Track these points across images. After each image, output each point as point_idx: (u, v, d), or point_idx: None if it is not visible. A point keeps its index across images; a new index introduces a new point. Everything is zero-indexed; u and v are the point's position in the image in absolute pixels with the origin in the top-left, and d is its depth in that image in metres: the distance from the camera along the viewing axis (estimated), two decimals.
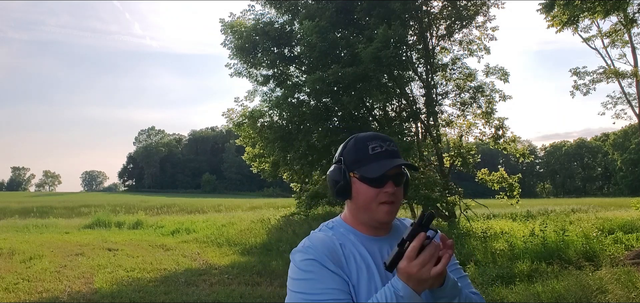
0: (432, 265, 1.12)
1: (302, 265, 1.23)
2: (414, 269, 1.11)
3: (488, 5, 13.80)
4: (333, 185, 1.32)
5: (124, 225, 17.23)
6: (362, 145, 1.30)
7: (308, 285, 1.20)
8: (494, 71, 13.82)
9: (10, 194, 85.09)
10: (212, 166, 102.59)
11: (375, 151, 1.28)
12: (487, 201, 15.34)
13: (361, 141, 1.31)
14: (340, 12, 12.91)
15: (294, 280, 1.24)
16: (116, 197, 61.28)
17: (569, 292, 5.62)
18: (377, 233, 1.32)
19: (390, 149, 1.30)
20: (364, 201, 1.28)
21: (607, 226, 11.88)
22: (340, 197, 1.32)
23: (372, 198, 1.27)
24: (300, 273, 1.22)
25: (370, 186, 1.26)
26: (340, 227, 1.34)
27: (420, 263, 1.11)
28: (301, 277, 1.22)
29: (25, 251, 10.38)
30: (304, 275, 1.22)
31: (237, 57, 14.16)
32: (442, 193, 12.27)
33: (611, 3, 9.89)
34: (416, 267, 1.11)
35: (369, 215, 1.29)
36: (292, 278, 1.25)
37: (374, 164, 1.27)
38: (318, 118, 12.91)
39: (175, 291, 6.89)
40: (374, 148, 1.29)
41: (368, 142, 1.30)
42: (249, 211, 25.47)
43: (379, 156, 1.27)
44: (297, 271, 1.23)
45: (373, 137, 1.31)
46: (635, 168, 66.87)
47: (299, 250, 1.26)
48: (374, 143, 1.29)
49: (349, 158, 1.30)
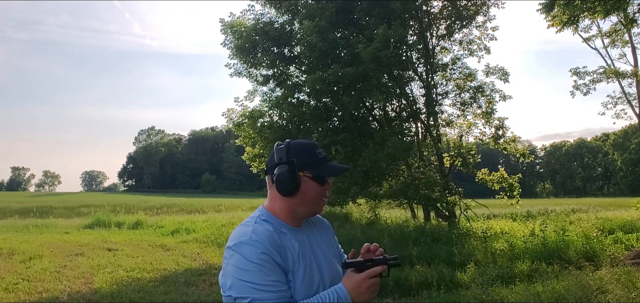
0: (375, 294, 1.43)
1: (253, 257, 1.35)
2: (363, 287, 1.41)
3: (488, 5, 13.79)
4: (285, 183, 1.48)
5: (124, 225, 17.22)
6: (310, 150, 1.53)
7: (259, 276, 1.34)
8: (494, 71, 13.81)
9: (10, 194, 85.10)
10: (212, 166, 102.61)
11: (321, 156, 1.53)
12: (487, 201, 15.33)
13: (307, 146, 1.54)
14: (340, 12, 12.90)
15: (243, 271, 1.35)
16: (116, 197, 61.28)
17: (569, 292, 5.61)
18: (299, 224, 1.55)
19: (326, 155, 1.57)
20: (313, 196, 1.51)
21: (607, 226, 11.88)
22: (289, 194, 1.49)
23: (319, 195, 1.52)
24: (251, 265, 1.35)
25: (319, 185, 1.51)
26: (272, 220, 1.49)
27: (369, 286, 1.42)
28: (252, 269, 1.34)
29: (25, 252, 10.37)
30: (254, 267, 1.35)
31: (237, 57, 14.15)
32: (442, 193, 12.26)
33: (611, 3, 9.89)
34: (366, 286, 1.42)
35: (312, 209, 1.54)
36: (241, 268, 1.35)
37: (324, 166, 1.52)
38: (318, 118, 12.90)
39: (175, 291, 6.89)
40: (320, 153, 1.54)
41: (314, 148, 1.54)
42: (249, 211, 25.42)
43: (324, 160, 1.54)
44: (246, 262, 1.35)
45: (314, 144, 1.56)
46: (635, 168, 66.87)
47: (247, 243, 1.38)
48: (318, 149, 1.54)
49: (301, 161, 1.49)
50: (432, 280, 6.52)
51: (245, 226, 1.47)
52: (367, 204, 14.49)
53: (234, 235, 1.45)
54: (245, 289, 1.33)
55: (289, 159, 1.49)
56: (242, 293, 1.34)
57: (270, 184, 1.55)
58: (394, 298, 6.31)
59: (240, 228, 1.46)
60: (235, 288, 1.35)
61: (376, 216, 14.63)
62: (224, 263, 1.43)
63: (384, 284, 6.17)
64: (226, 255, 1.42)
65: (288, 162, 1.49)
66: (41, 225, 17.54)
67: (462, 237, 9.78)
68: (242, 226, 1.47)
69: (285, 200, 1.50)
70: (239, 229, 1.46)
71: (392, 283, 6.56)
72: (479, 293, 6.02)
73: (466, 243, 9.09)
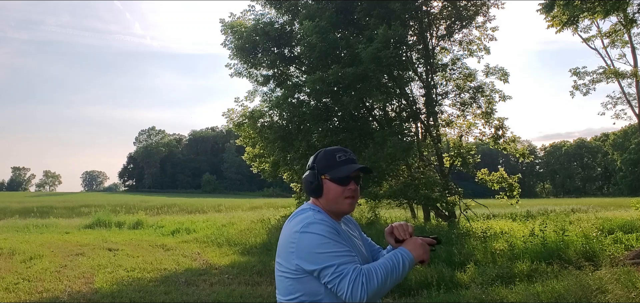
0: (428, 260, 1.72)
1: (325, 232, 1.59)
2: (418, 243, 1.70)
3: (488, 5, 13.80)
4: (308, 186, 1.75)
5: (124, 225, 17.24)
6: (330, 155, 1.74)
7: (335, 245, 1.57)
8: (493, 71, 13.82)
9: (11, 194, 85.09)
10: (212, 166, 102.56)
11: (341, 159, 1.73)
12: (487, 201, 15.34)
13: (330, 152, 1.75)
14: (340, 12, 12.91)
15: (320, 244, 1.57)
16: (116, 197, 61.27)
17: (568, 292, 5.62)
18: (338, 220, 1.77)
19: (351, 157, 1.75)
20: (334, 196, 1.72)
21: (607, 226, 11.89)
22: (314, 195, 1.75)
23: (339, 194, 1.72)
24: (325, 238, 1.57)
25: (338, 185, 1.71)
26: (322, 213, 1.71)
27: (424, 245, 1.71)
28: (327, 241, 1.57)
29: (26, 251, 10.39)
30: (329, 240, 1.57)
31: (237, 58, 14.16)
32: (442, 193, 12.27)
33: (611, 3, 9.89)
34: (420, 243, 1.70)
35: (337, 207, 1.73)
36: (317, 243, 1.57)
37: (341, 168, 1.71)
38: (318, 118, 12.90)
39: (175, 291, 6.90)
40: (340, 157, 1.73)
41: (335, 153, 1.74)
42: (249, 211, 25.49)
43: (344, 163, 1.72)
44: (320, 237, 1.58)
45: (338, 149, 1.76)
46: (635, 168, 66.86)
47: (315, 222, 1.61)
48: (339, 153, 1.74)
49: (320, 165, 1.73)
50: (432, 280, 6.53)
51: (303, 212, 1.71)
52: (367, 204, 14.51)
53: (295, 222, 1.66)
54: (328, 258, 1.54)
55: (312, 165, 1.75)
56: (326, 262, 1.54)
57: None
58: (394, 298, 6.31)
59: (298, 217, 1.69)
60: (316, 261, 1.55)
61: (376, 216, 14.64)
62: (288, 249, 1.63)
63: None
64: (293, 239, 1.61)
65: (311, 167, 1.75)
66: (42, 225, 17.56)
67: (462, 237, 9.78)
68: (299, 215, 1.70)
69: (318, 200, 1.75)
70: (298, 217, 1.68)
71: None
72: (478, 293, 6.03)
73: (466, 243, 9.09)
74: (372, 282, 1.52)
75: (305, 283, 1.60)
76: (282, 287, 1.66)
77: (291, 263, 1.61)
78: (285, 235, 1.68)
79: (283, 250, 1.66)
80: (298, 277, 1.60)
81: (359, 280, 1.51)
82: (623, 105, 21.95)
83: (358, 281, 1.50)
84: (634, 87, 18.74)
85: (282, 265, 1.66)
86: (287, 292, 1.63)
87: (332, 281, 1.53)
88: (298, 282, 1.60)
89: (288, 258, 1.62)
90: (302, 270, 1.59)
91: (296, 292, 1.61)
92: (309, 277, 1.59)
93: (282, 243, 1.69)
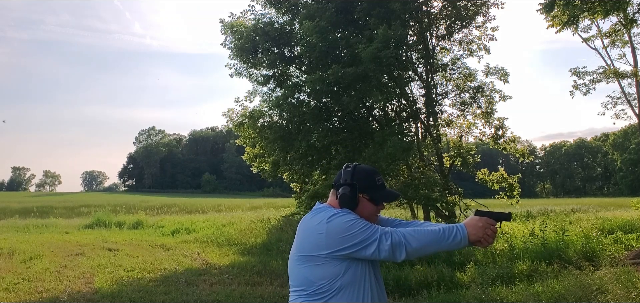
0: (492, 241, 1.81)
1: (351, 216, 1.76)
2: (479, 226, 1.78)
3: (488, 5, 13.79)
4: (346, 199, 1.86)
5: (124, 225, 17.24)
6: (371, 177, 1.90)
7: (364, 222, 1.74)
8: (493, 71, 13.81)
9: (11, 194, 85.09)
10: (212, 166, 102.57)
11: (379, 183, 1.92)
12: (487, 201, 15.27)
13: (370, 173, 1.91)
14: (340, 12, 12.90)
15: (350, 225, 1.72)
16: (116, 197, 61.28)
17: (568, 292, 5.62)
18: None
19: (383, 182, 1.95)
20: (368, 214, 1.88)
21: (607, 226, 11.90)
22: (349, 207, 1.86)
23: (373, 212, 1.92)
24: (353, 219, 1.74)
25: (374, 205, 1.90)
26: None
27: (485, 228, 1.78)
28: (355, 221, 1.74)
29: (26, 251, 10.39)
30: (356, 220, 1.75)
31: (237, 58, 14.14)
32: (442, 193, 12.27)
33: (611, 3, 9.88)
34: (481, 226, 1.77)
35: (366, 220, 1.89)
36: (347, 225, 1.72)
37: (382, 192, 1.92)
38: (318, 118, 12.89)
39: (175, 291, 6.90)
40: (378, 180, 1.92)
41: (374, 175, 1.92)
42: (249, 211, 25.49)
43: (382, 187, 1.92)
44: (348, 219, 1.74)
45: (375, 171, 1.94)
46: (635, 168, 66.88)
47: (339, 213, 1.77)
48: (378, 176, 1.93)
49: (361, 184, 1.87)
50: (432, 280, 6.53)
51: (326, 209, 1.84)
52: None
53: (320, 216, 1.79)
54: (365, 231, 1.71)
55: (353, 182, 1.87)
56: (363, 235, 1.70)
57: (334, 194, 1.92)
58: (394, 298, 6.32)
59: (322, 212, 1.82)
60: (352, 239, 1.69)
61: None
62: (316, 239, 1.74)
63: (384, 284, 6.16)
64: (320, 230, 1.74)
65: (351, 184, 1.86)
66: (42, 224, 17.56)
67: None
68: (322, 211, 1.83)
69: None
70: (321, 213, 1.82)
71: (392, 283, 6.58)
72: (478, 293, 6.03)
73: None
74: (411, 243, 1.70)
75: (326, 268, 1.70)
76: (301, 276, 1.75)
77: (319, 251, 1.71)
78: (309, 228, 1.79)
79: (307, 242, 1.77)
80: (322, 263, 1.70)
81: (399, 238, 1.69)
82: (623, 105, 21.92)
83: (398, 239, 1.69)
84: (634, 87, 18.74)
85: (303, 257, 1.75)
86: (308, 283, 1.73)
87: (371, 244, 1.69)
88: (321, 267, 1.70)
89: (315, 247, 1.72)
90: (330, 255, 1.70)
91: (318, 280, 1.71)
92: (333, 261, 1.70)
93: (305, 236, 1.79)
